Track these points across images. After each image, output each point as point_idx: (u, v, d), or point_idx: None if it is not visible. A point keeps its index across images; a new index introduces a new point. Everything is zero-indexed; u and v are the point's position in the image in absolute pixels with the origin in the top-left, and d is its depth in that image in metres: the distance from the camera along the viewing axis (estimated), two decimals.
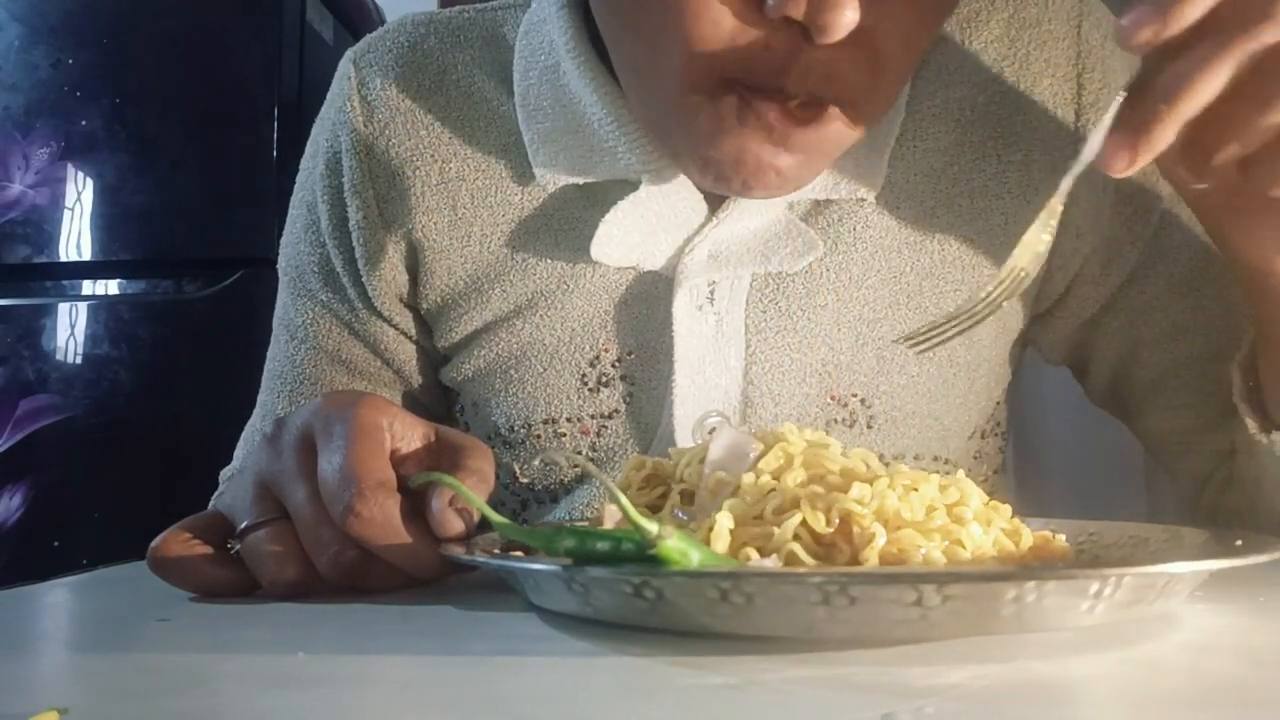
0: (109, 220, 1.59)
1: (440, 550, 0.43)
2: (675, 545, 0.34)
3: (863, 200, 0.63)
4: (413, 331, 0.70)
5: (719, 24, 0.50)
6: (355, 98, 0.68)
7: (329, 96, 0.71)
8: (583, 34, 0.62)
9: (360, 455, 0.44)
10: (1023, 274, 0.48)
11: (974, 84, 0.65)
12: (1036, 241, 0.48)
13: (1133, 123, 0.44)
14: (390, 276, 0.68)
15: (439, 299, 0.68)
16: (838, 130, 0.54)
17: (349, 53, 0.71)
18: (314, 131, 0.72)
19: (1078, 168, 0.47)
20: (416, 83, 0.68)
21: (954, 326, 0.50)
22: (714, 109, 0.52)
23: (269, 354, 0.74)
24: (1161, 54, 0.44)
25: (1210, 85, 0.42)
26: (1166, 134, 0.43)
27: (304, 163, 0.73)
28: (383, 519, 0.43)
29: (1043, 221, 0.48)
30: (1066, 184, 0.47)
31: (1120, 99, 0.45)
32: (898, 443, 0.65)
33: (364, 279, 0.68)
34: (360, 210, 0.67)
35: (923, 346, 0.51)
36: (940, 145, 0.64)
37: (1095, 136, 0.45)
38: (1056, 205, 0.48)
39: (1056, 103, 0.64)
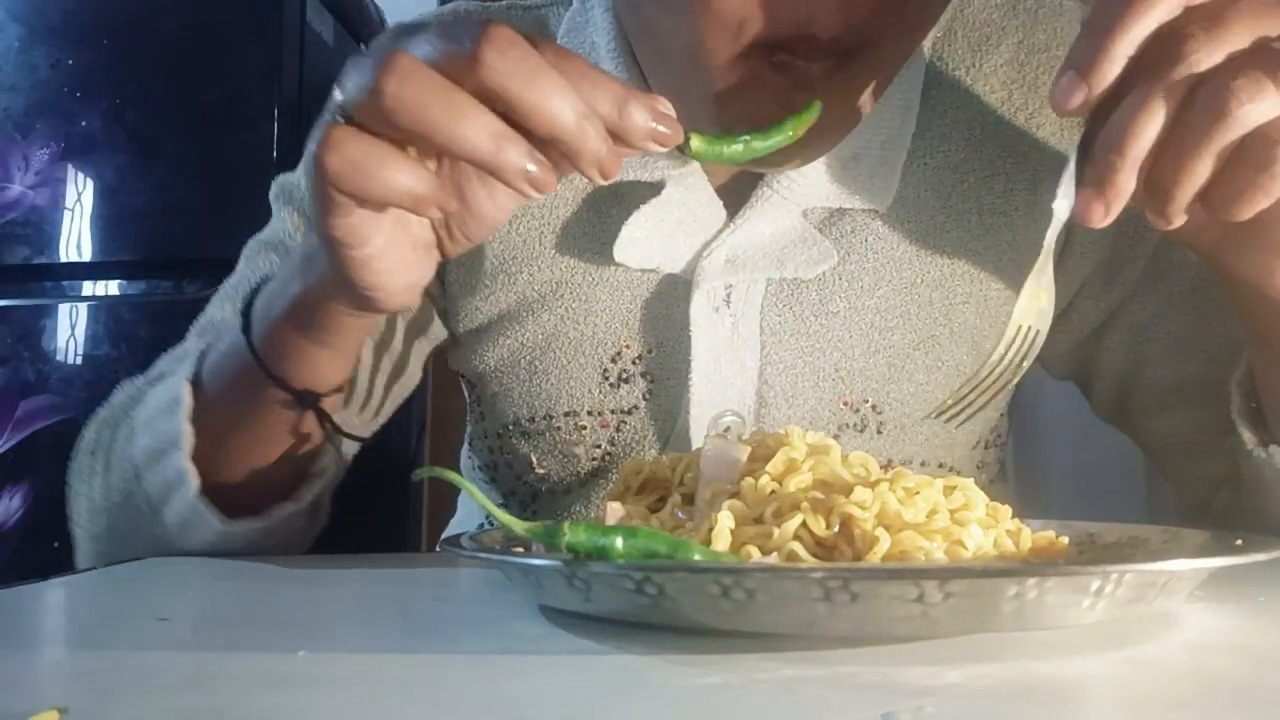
0: (109, 221, 1.59)
1: (442, 549, 0.43)
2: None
3: (875, 212, 0.65)
4: (436, 290, 0.70)
5: None
6: None
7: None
8: (624, 37, 0.64)
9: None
10: (1034, 333, 0.49)
11: (984, 105, 0.66)
12: (1035, 299, 0.49)
13: (1094, 177, 0.44)
14: None
15: (464, 274, 0.69)
16: (861, 74, 0.54)
17: (395, 25, 0.71)
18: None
19: (1055, 226, 0.48)
20: None
21: (978, 393, 0.51)
22: (740, 73, 0.53)
23: (235, 277, 0.73)
24: (1104, 103, 0.44)
25: (1149, 127, 0.42)
26: (1127, 181, 0.43)
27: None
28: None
29: (1035, 279, 0.49)
30: (1049, 242, 0.49)
31: (1073, 156, 0.46)
32: (906, 449, 0.66)
33: None
34: None
35: (954, 418, 0.53)
36: (950, 163, 0.66)
37: (1062, 193, 0.46)
38: (1045, 264, 0.49)
39: (1063, 125, 0.66)
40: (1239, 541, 0.38)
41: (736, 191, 0.64)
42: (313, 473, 0.63)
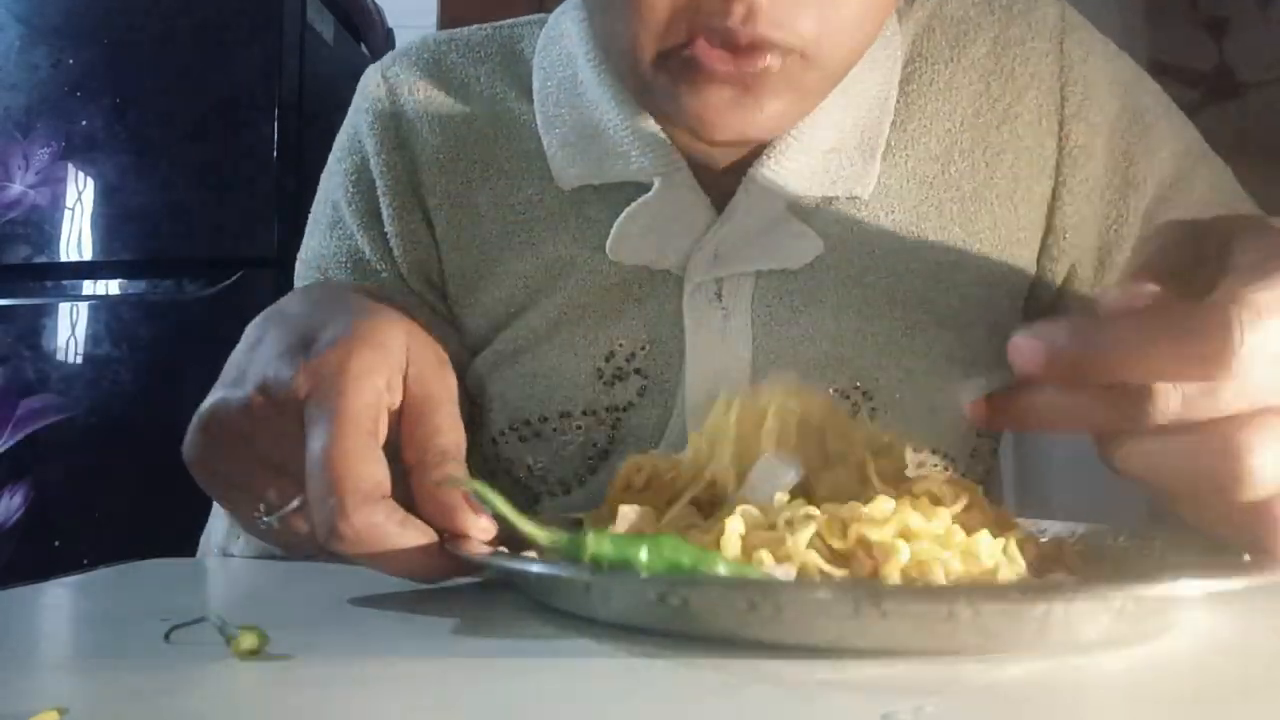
0: (109, 220, 1.59)
1: (447, 549, 0.42)
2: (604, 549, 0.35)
3: (859, 200, 0.66)
4: (443, 309, 0.72)
5: None
6: (384, 103, 0.72)
7: (354, 105, 0.74)
8: (600, 46, 0.66)
9: (342, 454, 0.40)
10: None
11: (962, 98, 0.68)
12: None
13: (1005, 411, 0.39)
14: (423, 259, 0.70)
15: (461, 290, 0.70)
16: (794, 75, 0.56)
17: (374, 66, 0.74)
18: (339, 139, 0.74)
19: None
20: (443, 92, 0.71)
21: None
22: (671, 75, 0.56)
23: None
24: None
25: (1067, 425, 0.38)
26: (1031, 430, 0.40)
27: (330, 165, 0.75)
28: (369, 535, 0.40)
29: None
30: None
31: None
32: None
33: (399, 261, 0.70)
34: (392, 208, 0.70)
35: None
36: (931, 154, 0.67)
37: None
38: None
39: (1041, 114, 0.67)
40: (1246, 557, 0.38)
41: (724, 187, 0.65)
42: None
